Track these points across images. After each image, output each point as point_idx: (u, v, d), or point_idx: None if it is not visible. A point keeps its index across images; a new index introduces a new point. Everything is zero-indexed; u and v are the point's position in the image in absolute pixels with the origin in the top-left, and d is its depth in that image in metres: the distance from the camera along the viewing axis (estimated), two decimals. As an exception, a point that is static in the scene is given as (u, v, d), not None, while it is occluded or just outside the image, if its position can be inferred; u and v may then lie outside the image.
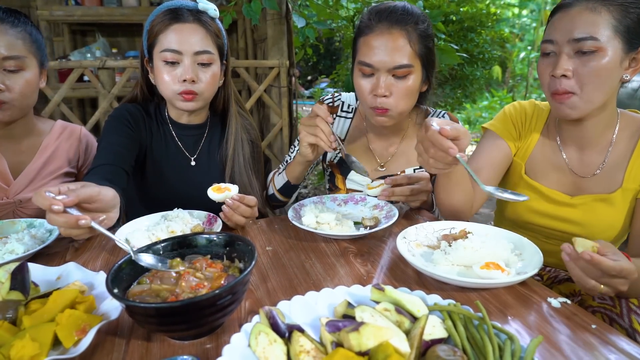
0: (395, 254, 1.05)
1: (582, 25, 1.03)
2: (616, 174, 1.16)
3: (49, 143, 1.41)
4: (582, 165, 1.21)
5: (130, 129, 1.35)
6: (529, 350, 0.59)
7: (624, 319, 0.91)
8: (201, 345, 0.71)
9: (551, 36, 1.09)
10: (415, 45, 1.24)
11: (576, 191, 1.21)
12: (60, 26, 3.84)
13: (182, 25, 1.27)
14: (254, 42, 3.90)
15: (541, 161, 1.28)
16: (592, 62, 1.03)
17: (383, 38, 1.23)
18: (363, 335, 0.58)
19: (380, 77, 1.25)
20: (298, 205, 1.29)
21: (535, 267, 0.87)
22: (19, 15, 1.26)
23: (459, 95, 4.06)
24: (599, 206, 1.17)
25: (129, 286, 0.76)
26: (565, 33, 1.05)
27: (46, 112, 2.61)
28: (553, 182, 1.25)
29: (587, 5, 1.03)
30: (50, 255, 1.09)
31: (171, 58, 1.27)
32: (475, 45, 3.79)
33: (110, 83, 2.88)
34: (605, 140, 1.18)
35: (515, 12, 11.24)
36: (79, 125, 1.52)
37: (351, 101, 1.53)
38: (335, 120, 1.51)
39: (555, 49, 1.08)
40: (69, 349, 0.67)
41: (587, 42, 1.02)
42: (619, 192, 1.14)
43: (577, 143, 1.22)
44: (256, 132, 1.58)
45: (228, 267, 0.82)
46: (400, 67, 1.23)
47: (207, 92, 1.34)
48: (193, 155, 1.46)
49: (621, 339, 0.71)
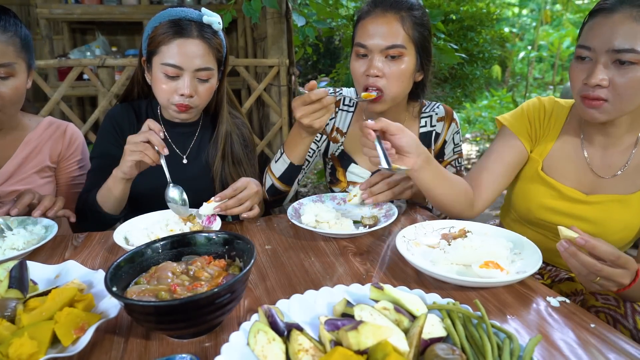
0: (394, 252, 1.05)
1: (623, 36, 0.98)
2: (638, 176, 1.14)
3: (32, 138, 1.41)
4: (604, 165, 1.19)
5: (117, 137, 1.42)
6: (528, 350, 0.59)
7: (628, 320, 0.91)
8: (200, 343, 0.71)
9: (588, 42, 1.04)
10: (409, 29, 1.29)
11: (593, 190, 1.20)
12: (59, 24, 3.83)
13: (185, 41, 1.25)
14: (253, 41, 3.90)
15: (561, 159, 1.26)
16: (630, 73, 0.99)
17: (378, 21, 1.29)
18: (362, 334, 0.58)
19: (374, 58, 1.29)
20: (297, 203, 1.29)
21: (535, 266, 0.87)
22: (8, 17, 1.20)
23: (459, 95, 4.05)
24: (615, 207, 1.15)
25: (128, 285, 0.76)
26: (604, 42, 1.00)
27: (45, 110, 2.60)
28: (571, 180, 1.23)
29: (631, 13, 0.98)
30: (49, 253, 1.09)
31: (172, 73, 1.26)
32: (475, 44, 3.79)
33: (110, 81, 2.87)
34: (629, 141, 1.16)
35: (515, 12, 11.24)
36: (68, 123, 1.51)
37: (352, 95, 1.56)
38: (338, 113, 1.53)
39: (592, 55, 1.04)
40: (67, 347, 0.67)
41: (628, 55, 0.98)
42: (638, 194, 1.12)
43: (601, 142, 1.20)
44: (249, 129, 1.57)
45: (229, 266, 0.82)
46: (392, 47, 1.27)
47: (202, 103, 1.36)
48: (184, 153, 1.46)
49: (620, 338, 0.71)
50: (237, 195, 1.17)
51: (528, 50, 10.44)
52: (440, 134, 1.48)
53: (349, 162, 1.51)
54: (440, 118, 1.49)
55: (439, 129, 1.49)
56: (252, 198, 1.20)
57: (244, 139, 1.53)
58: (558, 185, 1.23)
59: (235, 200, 1.17)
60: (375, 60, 1.29)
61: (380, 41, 1.27)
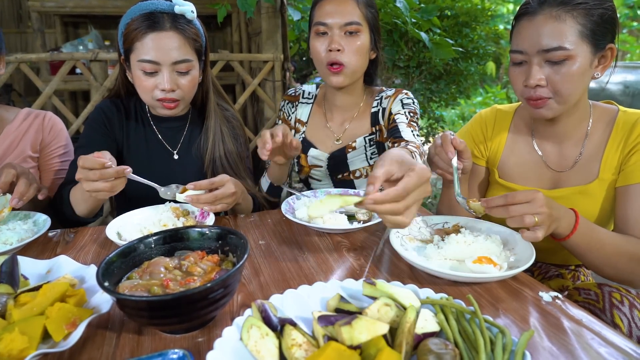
0: (388, 248, 1.05)
1: (549, 35, 1.03)
2: (592, 165, 1.17)
3: (10, 130, 1.40)
4: (560, 159, 1.22)
5: (106, 129, 1.40)
6: (520, 344, 0.59)
7: (606, 314, 0.92)
8: (193, 338, 0.71)
9: (519, 46, 1.09)
10: (362, 9, 1.39)
11: (554, 185, 1.22)
12: (52, 18, 3.79)
13: (158, 34, 1.22)
14: (248, 36, 3.87)
15: (514, 162, 1.29)
16: (563, 69, 1.04)
17: (335, 1, 1.39)
18: (355, 329, 0.58)
19: (334, 34, 1.38)
20: (292, 199, 1.29)
21: (527, 261, 0.87)
22: None
23: (453, 91, 4.04)
24: (578, 198, 1.18)
25: (120, 280, 0.76)
26: (533, 44, 1.05)
27: (37, 104, 2.57)
28: (530, 179, 1.25)
29: (551, 13, 1.03)
30: (41, 248, 1.08)
31: (149, 69, 1.24)
32: (470, 40, 3.78)
33: (103, 75, 2.84)
34: (580, 133, 1.19)
35: (510, 9, 11.25)
36: (47, 112, 1.50)
37: (311, 89, 1.67)
38: (298, 105, 1.64)
39: (526, 58, 1.09)
40: (58, 343, 0.66)
41: (557, 53, 1.03)
42: (595, 182, 1.16)
43: (553, 138, 1.23)
44: (239, 122, 1.56)
45: (222, 261, 0.82)
46: (351, 24, 1.37)
47: (187, 95, 1.33)
48: (175, 149, 1.45)
49: (611, 332, 0.72)
50: (214, 191, 1.12)
51: (522, 47, 10.44)
52: (386, 108, 1.48)
53: (308, 147, 1.58)
54: (388, 96, 1.50)
55: (385, 104, 1.49)
56: (226, 199, 1.14)
57: (235, 132, 1.51)
58: (518, 187, 1.26)
59: (211, 196, 1.12)
60: (336, 35, 1.37)
61: (339, 19, 1.37)
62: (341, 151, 1.53)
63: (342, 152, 1.53)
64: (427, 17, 3.01)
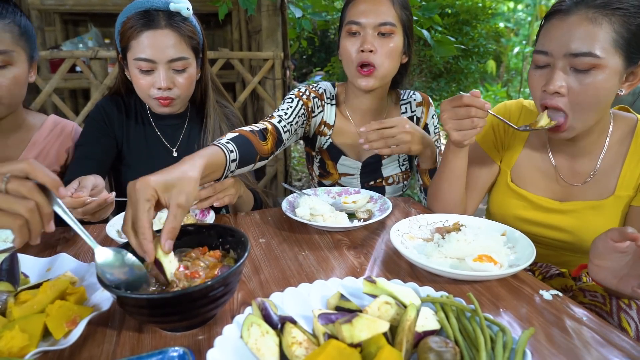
0: (388, 246, 1.05)
1: (580, 38, 0.94)
2: (608, 180, 1.11)
3: (39, 139, 1.37)
4: (573, 173, 1.16)
5: (106, 127, 1.39)
6: (521, 342, 0.59)
7: (613, 317, 0.91)
8: (193, 336, 0.71)
9: (545, 47, 1.00)
10: (398, 10, 1.34)
11: (566, 197, 1.17)
12: (51, 16, 3.79)
13: (154, 32, 1.22)
14: (248, 34, 3.87)
15: (528, 168, 1.23)
16: (588, 79, 0.95)
17: (370, 0, 1.33)
18: (356, 327, 0.58)
19: (366, 34, 1.32)
20: (292, 197, 1.28)
21: (528, 259, 0.87)
22: (6, 5, 1.19)
23: (454, 89, 4.05)
24: (590, 213, 1.12)
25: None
26: (561, 45, 0.96)
27: (37, 102, 2.58)
28: (541, 189, 1.20)
29: (587, 15, 0.94)
30: (41, 246, 1.08)
31: (145, 67, 1.24)
32: (471, 38, 3.78)
33: (103, 73, 2.85)
34: (597, 147, 1.12)
35: (511, 7, 11.24)
36: (72, 122, 1.48)
37: (330, 89, 1.56)
38: (325, 107, 1.53)
39: (550, 61, 1.00)
40: (59, 340, 0.66)
41: (585, 59, 0.93)
42: (611, 199, 1.10)
43: (568, 152, 1.17)
44: (239, 119, 1.55)
45: (224, 257, 0.81)
46: (385, 24, 1.31)
47: (184, 94, 1.33)
48: (174, 146, 1.45)
49: (612, 331, 0.72)
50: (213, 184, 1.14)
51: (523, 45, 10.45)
52: (420, 118, 1.53)
53: (338, 155, 1.53)
54: (418, 103, 1.53)
55: (419, 114, 1.53)
56: (226, 190, 1.16)
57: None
58: (529, 195, 1.21)
59: (210, 189, 1.13)
60: (369, 36, 1.32)
61: (373, 18, 1.31)
62: (376, 157, 1.49)
63: (376, 158, 1.50)
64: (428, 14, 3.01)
